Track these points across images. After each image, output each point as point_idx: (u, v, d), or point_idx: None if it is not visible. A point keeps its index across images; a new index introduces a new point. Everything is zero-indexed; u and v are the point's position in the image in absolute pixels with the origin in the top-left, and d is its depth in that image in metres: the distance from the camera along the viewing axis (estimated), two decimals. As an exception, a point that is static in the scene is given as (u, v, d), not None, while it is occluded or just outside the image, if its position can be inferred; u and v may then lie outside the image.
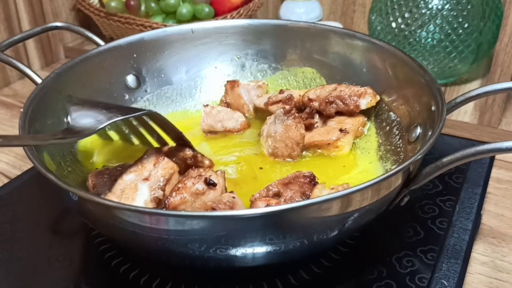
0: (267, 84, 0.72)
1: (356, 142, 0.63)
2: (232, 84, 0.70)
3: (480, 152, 0.44)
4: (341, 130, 0.62)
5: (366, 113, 0.65)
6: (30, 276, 0.52)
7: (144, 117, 0.57)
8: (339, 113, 0.64)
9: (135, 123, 0.60)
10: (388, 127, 0.62)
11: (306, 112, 0.64)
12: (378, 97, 0.63)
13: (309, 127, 0.63)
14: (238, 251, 0.43)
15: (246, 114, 0.70)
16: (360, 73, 0.67)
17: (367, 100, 0.63)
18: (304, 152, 0.62)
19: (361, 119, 0.64)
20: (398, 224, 0.57)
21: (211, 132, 0.67)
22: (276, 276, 0.51)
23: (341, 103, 0.63)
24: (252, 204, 0.51)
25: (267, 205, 0.48)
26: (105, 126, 0.47)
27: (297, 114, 0.61)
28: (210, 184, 0.49)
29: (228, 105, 0.71)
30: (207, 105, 0.68)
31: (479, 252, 0.57)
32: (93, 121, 0.47)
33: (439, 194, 0.62)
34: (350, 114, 0.64)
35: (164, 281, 0.51)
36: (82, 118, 0.47)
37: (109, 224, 0.46)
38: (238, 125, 0.67)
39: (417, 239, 0.55)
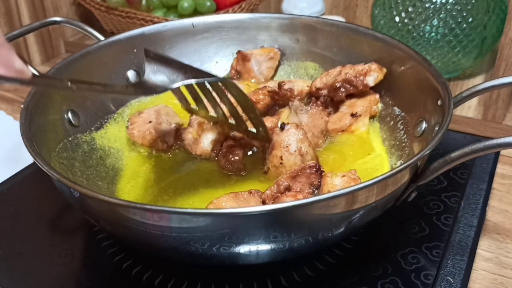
0: (279, 53, 0.72)
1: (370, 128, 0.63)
2: (243, 56, 0.70)
3: (489, 146, 0.44)
4: (352, 115, 0.61)
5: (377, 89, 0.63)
6: (32, 272, 0.52)
7: (219, 84, 0.53)
8: (350, 95, 0.64)
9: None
10: (392, 122, 0.62)
11: (320, 101, 0.63)
12: (385, 70, 0.62)
13: (328, 115, 0.63)
14: (242, 249, 0.43)
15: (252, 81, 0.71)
16: (363, 68, 0.67)
17: (373, 76, 0.62)
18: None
19: (373, 97, 0.63)
20: (403, 220, 0.57)
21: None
22: (280, 273, 0.51)
23: (349, 86, 0.63)
24: (273, 202, 0.50)
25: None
26: (178, 86, 0.47)
27: (319, 102, 0.60)
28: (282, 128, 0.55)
29: (237, 72, 0.71)
30: None
31: (484, 248, 0.57)
32: (167, 80, 0.47)
33: (444, 190, 0.61)
34: (361, 94, 0.63)
35: (167, 278, 0.51)
36: (155, 74, 0.47)
37: (110, 221, 0.45)
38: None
39: (422, 236, 0.55)
